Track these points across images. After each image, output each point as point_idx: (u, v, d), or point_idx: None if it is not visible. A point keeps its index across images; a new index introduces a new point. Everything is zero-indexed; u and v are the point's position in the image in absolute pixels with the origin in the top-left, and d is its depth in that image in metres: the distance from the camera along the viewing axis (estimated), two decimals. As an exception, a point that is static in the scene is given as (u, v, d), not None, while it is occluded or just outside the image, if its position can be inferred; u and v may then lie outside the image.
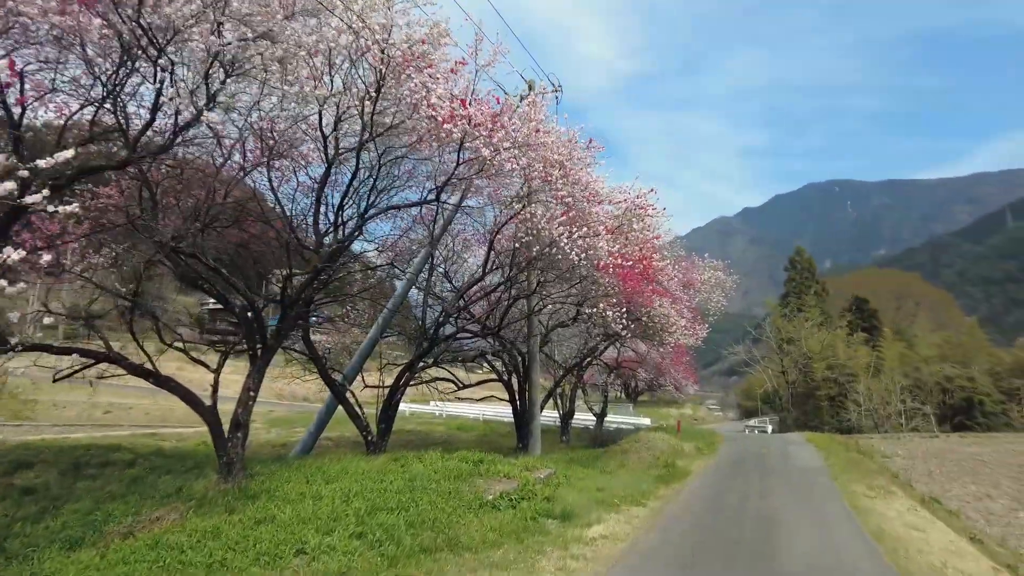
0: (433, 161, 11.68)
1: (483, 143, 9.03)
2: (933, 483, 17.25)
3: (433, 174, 12.08)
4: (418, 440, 24.99)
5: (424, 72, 8.28)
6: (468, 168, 9.94)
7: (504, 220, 12.64)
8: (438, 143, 10.21)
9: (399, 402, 14.83)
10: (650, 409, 55.56)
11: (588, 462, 14.13)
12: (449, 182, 10.26)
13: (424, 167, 12.58)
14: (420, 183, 13.04)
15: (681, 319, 17.87)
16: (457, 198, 12.03)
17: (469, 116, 8.92)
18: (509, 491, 8.99)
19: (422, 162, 11.66)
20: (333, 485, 8.85)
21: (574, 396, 26.02)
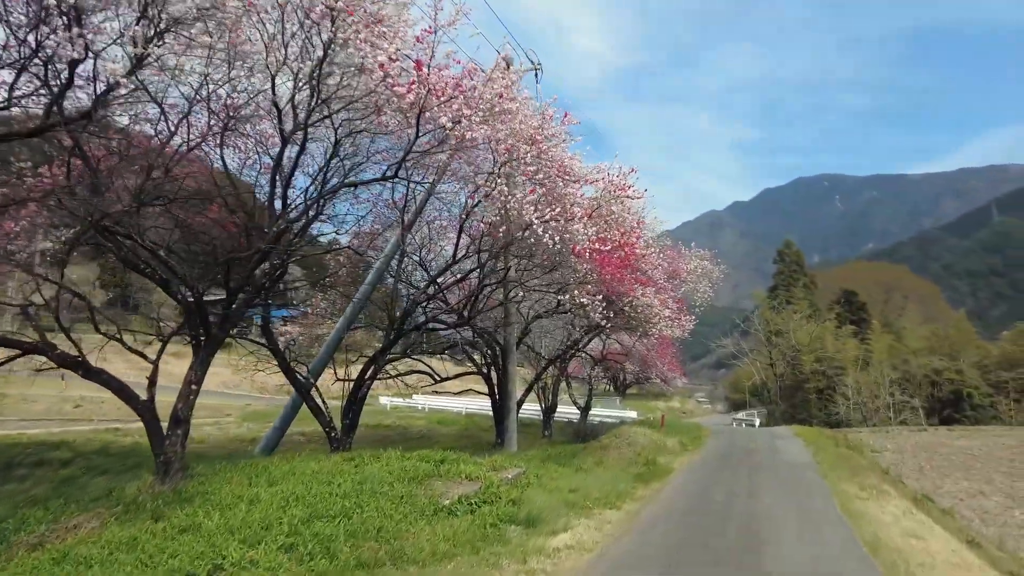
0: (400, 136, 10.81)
1: (441, 110, 8.18)
2: (924, 479, 16.66)
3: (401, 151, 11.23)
4: (396, 435, 24.16)
5: (372, 28, 7.39)
6: (430, 140, 9.08)
7: (475, 202, 11.79)
8: (402, 114, 9.35)
9: (365, 396, 13.95)
10: (638, 402, 55.02)
11: (565, 459, 13.35)
12: (409, 155, 9.39)
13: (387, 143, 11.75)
14: (387, 161, 12.20)
15: (665, 309, 17.11)
16: (429, 181, 11.14)
17: (426, 80, 8.05)
18: (469, 494, 8.19)
19: (384, 136, 10.77)
20: (276, 488, 8.02)
21: (557, 389, 25.23)
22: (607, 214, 11.57)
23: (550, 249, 11.29)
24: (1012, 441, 26.08)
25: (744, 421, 44.65)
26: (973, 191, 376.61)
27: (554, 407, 25.12)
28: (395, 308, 14.83)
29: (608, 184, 11.15)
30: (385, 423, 26.50)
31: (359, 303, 15.26)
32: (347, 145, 11.08)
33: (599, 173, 11.17)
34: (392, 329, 13.47)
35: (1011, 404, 36.99)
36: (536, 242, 11.06)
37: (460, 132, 8.07)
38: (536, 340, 27.63)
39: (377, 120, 9.80)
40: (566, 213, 10.78)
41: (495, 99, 8.30)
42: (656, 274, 17.41)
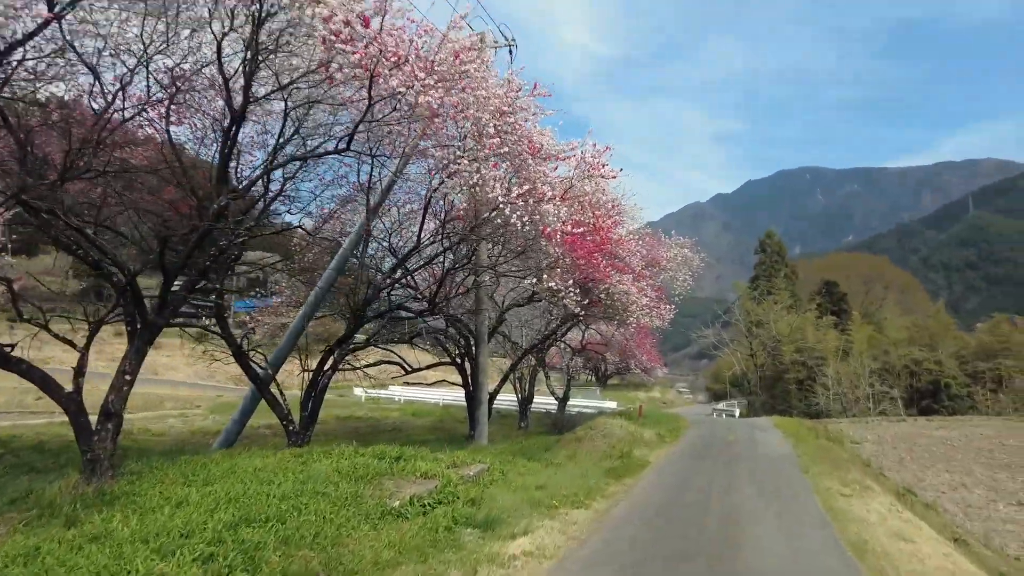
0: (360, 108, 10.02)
1: (393, 74, 7.42)
2: (906, 471, 16.32)
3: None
4: (366, 427, 23.42)
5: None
6: (384, 108, 8.30)
7: (440, 181, 11.05)
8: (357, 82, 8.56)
9: (326, 387, 13.20)
10: (619, 393, 54.77)
11: (536, 453, 12.74)
12: (365, 125, 8.61)
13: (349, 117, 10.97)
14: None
15: (643, 297, 16.52)
16: (387, 155, 10.35)
17: (378, 39, 7.28)
18: (423, 494, 7.50)
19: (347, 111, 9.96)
20: (210, 488, 7.26)
21: (534, 380, 24.65)
22: (580, 195, 10.88)
23: (518, 231, 10.61)
24: (989, 431, 26.02)
25: (724, 412, 44.46)
26: (950, 185, 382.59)
27: (531, 398, 24.55)
28: (358, 295, 14.06)
29: (581, 162, 10.46)
30: (357, 415, 25.76)
31: (322, 290, 14.50)
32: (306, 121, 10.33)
33: (571, 151, 10.47)
34: (353, 317, 12.70)
35: (987, 394, 37.12)
36: (504, 223, 10.38)
37: (412, 97, 7.31)
38: (514, 330, 27.07)
39: (330, 88, 9.04)
40: (536, 192, 10.09)
41: (450, 59, 7.54)
42: (634, 261, 16.80)
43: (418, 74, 7.26)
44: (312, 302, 14.63)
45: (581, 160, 10.37)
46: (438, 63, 7.87)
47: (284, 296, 18.50)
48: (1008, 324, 41.78)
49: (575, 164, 10.53)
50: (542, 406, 32.64)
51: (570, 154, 10.30)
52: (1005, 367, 37.46)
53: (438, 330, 16.06)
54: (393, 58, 7.48)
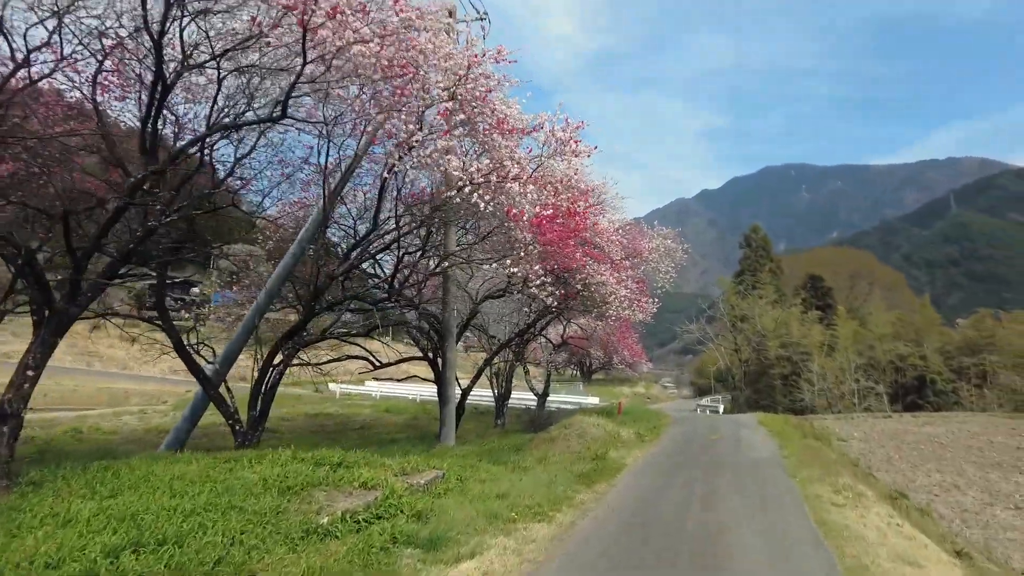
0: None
1: (327, 28, 6.42)
2: (895, 471, 15.63)
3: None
4: (335, 425, 22.39)
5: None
6: (317, 68, 7.28)
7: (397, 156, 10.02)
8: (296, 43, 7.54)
9: (277, 384, 12.17)
10: (603, 388, 54.05)
11: (504, 455, 11.80)
12: (296, 86, 7.57)
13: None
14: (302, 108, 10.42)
15: (622, 289, 15.63)
16: (326, 122, 9.31)
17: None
18: (359, 508, 6.52)
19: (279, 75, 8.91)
20: (111, 501, 6.22)
21: (511, 375, 23.70)
22: (549, 174, 9.92)
23: (482, 213, 9.65)
24: (976, 428, 25.51)
25: (708, 407, 43.84)
26: (933, 183, 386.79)
27: (508, 394, 23.61)
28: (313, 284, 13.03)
29: (550, 137, 9.49)
30: (328, 411, 24.70)
31: (278, 280, 13.46)
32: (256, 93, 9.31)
33: (539, 124, 9.48)
34: (305, 308, 11.67)
35: (972, 390, 36.78)
36: (463, 203, 9.40)
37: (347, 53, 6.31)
38: (492, 324, 26.11)
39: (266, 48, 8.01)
40: (500, 170, 9.13)
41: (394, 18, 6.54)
42: (613, 251, 15.89)
43: (352, 23, 6.25)
44: (267, 293, 13.60)
45: (551, 135, 9.39)
46: (382, 19, 6.87)
47: (243, 286, 17.46)
48: (992, 319, 41.49)
49: (544, 140, 9.55)
50: (522, 402, 31.73)
51: (536, 126, 9.30)
52: (990, 362, 37.13)
53: (402, 322, 15.06)
54: (326, 6, 6.47)
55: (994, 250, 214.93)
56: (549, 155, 9.80)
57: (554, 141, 9.67)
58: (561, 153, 9.78)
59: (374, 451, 15.93)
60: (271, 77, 8.84)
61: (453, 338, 14.33)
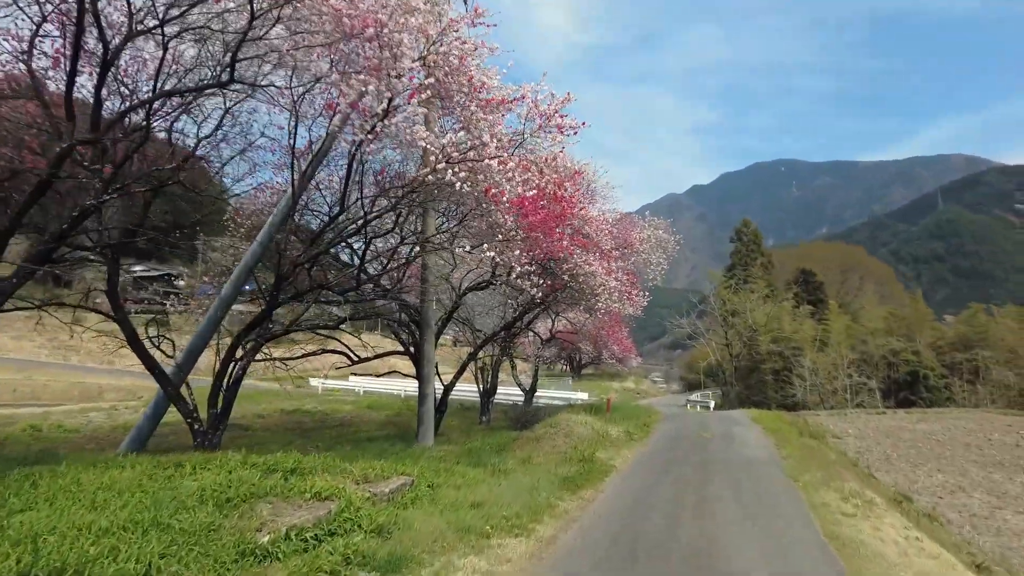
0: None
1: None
2: (895, 471, 15.00)
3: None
4: (312, 423, 21.50)
5: None
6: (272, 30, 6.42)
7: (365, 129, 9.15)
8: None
9: (240, 380, 11.27)
10: (593, 383, 53.42)
11: (485, 456, 11.00)
12: (243, 45, 6.70)
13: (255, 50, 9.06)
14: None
15: (612, 280, 14.85)
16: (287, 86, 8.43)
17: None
18: (308, 524, 5.69)
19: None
20: (20, 516, 5.35)
21: (497, 370, 22.92)
22: (531, 152, 9.08)
23: (458, 193, 8.80)
24: (971, 424, 25.04)
25: (698, 403, 43.23)
26: (921, 179, 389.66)
27: (493, 390, 22.84)
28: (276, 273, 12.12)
29: (533, 110, 8.64)
30: (306, 408, 23.77)
31: (245, 269, 12.56)
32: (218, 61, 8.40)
33: (521, 97, 8.63)
34: (268, 298, 10.78)
35: (964, 386, 36.40)
36: (439, 183, 8.56)
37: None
38: (478, 317, 25.29)
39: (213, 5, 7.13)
40: (478, 146, 8.30)
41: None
42: (602, 239, 15.10)
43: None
44: (232, 284, 12.72)
45: (533, 108, 8.55)
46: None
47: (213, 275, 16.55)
48: (985, 314, 41.16)
49: (526, 114, 8.71)
50: (510, 397, 30.95)
51: (518, 97, 8.44)
52: (982, 358, 36.75)
53: (376, 314, 14.22)
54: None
55: (979, 246, 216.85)
56: (532, 131, 8.96)
57: (537, 116, 8.83)
58: (545, 129, 8.94)
59: (348, 451, 15.10)
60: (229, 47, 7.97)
61: (432, 331, 13.49)
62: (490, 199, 8.48)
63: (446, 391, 17.30)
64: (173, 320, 17.79)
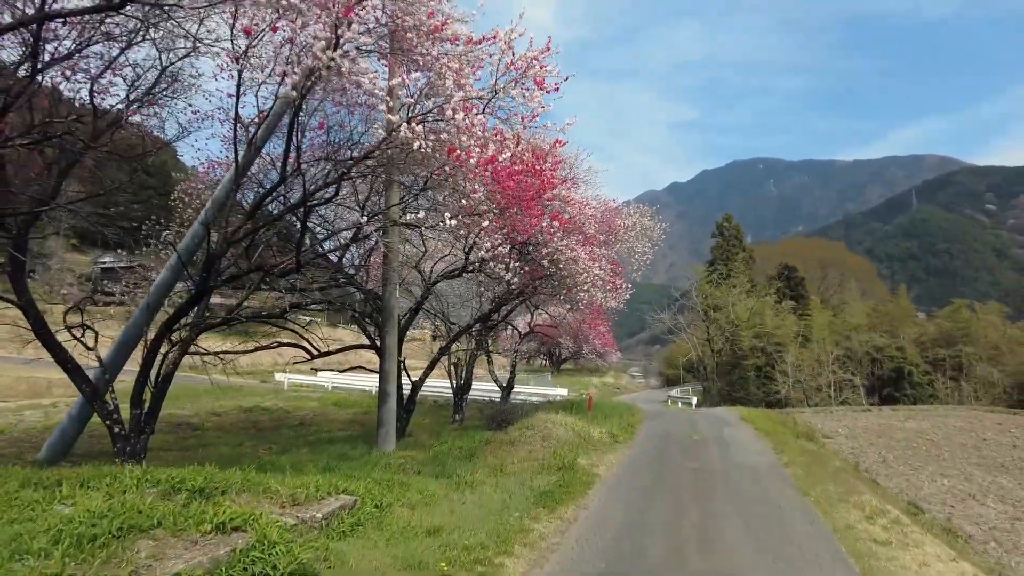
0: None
1: None
2: (896, 475, 13.97)
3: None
4: (270, 421, 19.90)
5: None
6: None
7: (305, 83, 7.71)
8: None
9: (171, 376, 9.75)
10: (573, 378, 52.31)
11: (452, 463, 9.63)
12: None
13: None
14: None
15: (595, 266, 13.57)
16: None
17: None
18: (201, 570, 4.29)
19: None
20: None
21: (472, 365, 21.51)
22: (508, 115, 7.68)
23: (418, 157, 7.39)
24: (960, 422, 24.35)
25: (680, 399, 42.34)
26: (895, 179, 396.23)
27: (468, 386, 21.43)
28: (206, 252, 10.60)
29: (506, 51, 7.25)
30: (265, 405, 22.13)
31: (185, 252, 11.03)
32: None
33: (492, 38, 7.24)
34: (198, 281, 9.26)
35: (948, 382, 35.94)
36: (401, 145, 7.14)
37: None
38: (453, 309, 23.92)
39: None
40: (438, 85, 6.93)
41: None
42: (586, 222, 13.79)
43: None
44: (169, 268, 11.19)
45: (506, 48, 7.16)
46: None
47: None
48: (967, 310, 40.81)
49: (497, 61, 7.31)
50: (487, 394, 29.56)
51: (489, 36, 7.06)
52: (966, 354, 36.30)
53: (324, 303, 12.76)
54: None
55: (951, 245, 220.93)
56: (504, 85, 7.57)
57: (512, 67, 7.44)
58: (522, 84, 7.56)
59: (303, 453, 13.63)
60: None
61: (395, 321, 12.05)
62: (455, 161, 7.09)
63: (414, 389, 15.88)
64: (116, 311, 16.12)
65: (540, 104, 7.83)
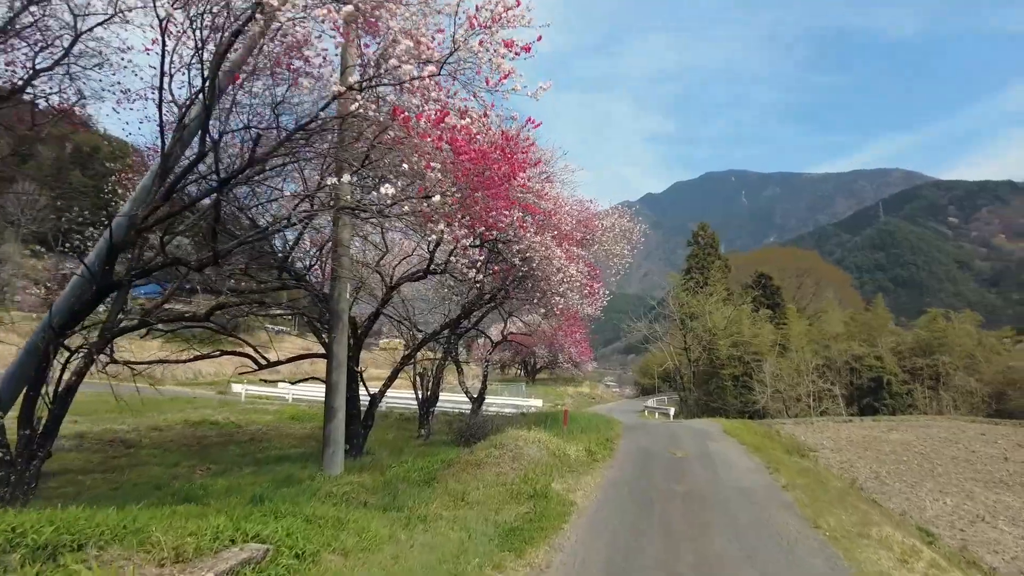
0: None
1: None
2: (894, 493, 12.98)
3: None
4: (218, 437, 18.21)
5: None
6: None
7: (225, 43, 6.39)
8: None
9: (74, 387, 8.21)
10: (548, 388, 51.14)
11: (405, 491, 8.27)
12: None
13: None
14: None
15: (572, 267, 12.38)
16: None
17: None
18: None
19: None
20: None
21: (439, 376, 20.11)
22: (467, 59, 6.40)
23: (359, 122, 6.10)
24: (943, 433, 23.70)
25: (656, 410, 41.37)
26: (863, 191, 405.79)
27: (435, 398, 20.01)
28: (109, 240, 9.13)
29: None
30: (215, 419, 20.40)
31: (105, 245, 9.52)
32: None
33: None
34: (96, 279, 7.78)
35: (927, 392, 35.53)
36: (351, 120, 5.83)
37: None
38: (422, 316, 22.56)
39: None
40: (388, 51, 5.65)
41: None
42: (563, 219, 12.60)
43: None
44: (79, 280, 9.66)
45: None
46: None
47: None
48: (944, 319, 40.61)
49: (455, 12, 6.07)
50: (457, 406, 28.13)
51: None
52: (943, 363, 35.96)
53: (258, 304, 11.36)
54: None
55: (916, 257, 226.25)
56: (466, 38, 6.32)
57: (477, 24, 6.21)
58: (487, 32, 6.32)
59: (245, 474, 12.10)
60: None
61: (344, 325, 10.65)
62: (402, 124, 5.81)
63: (373, 402, 14.47)
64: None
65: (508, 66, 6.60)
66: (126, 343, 10.89)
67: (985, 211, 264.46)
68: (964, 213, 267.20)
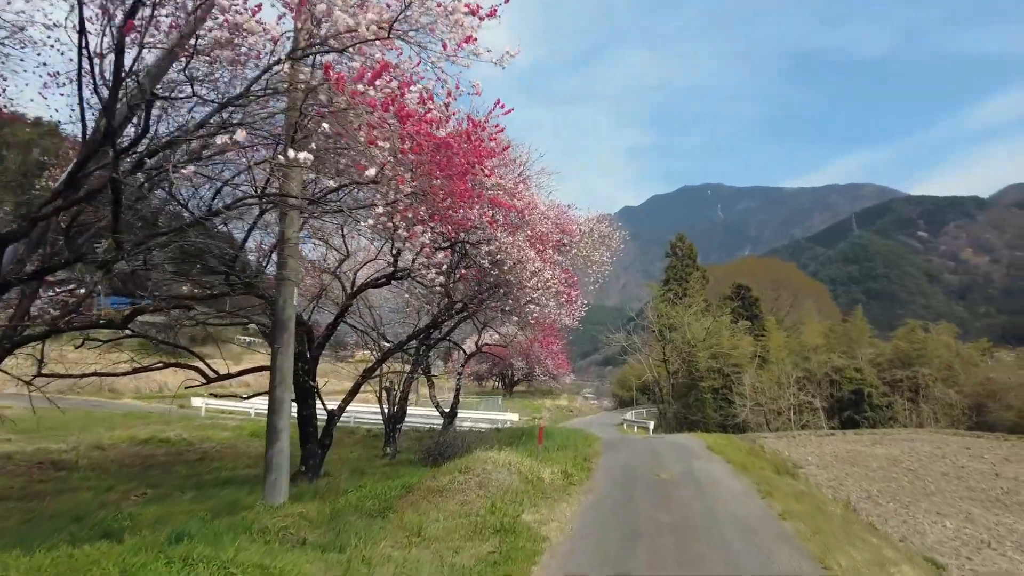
0: None
1: None
2: (889, 515, 12.17)
3: None
4: (166, 456, 16.79)
5: None
6: None
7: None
8: None
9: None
10: (525, 401, 49.99)
11: (353, 526, 7.14)
12: None
13: None
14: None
15: (548, 272, 11.42)
16: None
17: None
18: None
19: None
20: None
21: (407, 390, 18.94)
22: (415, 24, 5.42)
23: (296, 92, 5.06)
24: (928, 447, 23.14)
25: (636, 423, 40.51)
26: (836, 205, 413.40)
27: (402, 415, 18.81)
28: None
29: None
30: (166, 435, 18.93)
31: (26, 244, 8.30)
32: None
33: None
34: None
35: (907, 404, 35.20)
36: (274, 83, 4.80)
37: None
38: (390, 327, 21.46)
39: None
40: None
41: None
42: (536, 219, 11.62)
43: None
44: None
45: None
46: None
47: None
48: (922, 331, 40.50)
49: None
50: (428, 421, 26.94)
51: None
52: (923, 375, 35.70)
53: (184, 308, 10.22)
54: None
55: (888, 270, 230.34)
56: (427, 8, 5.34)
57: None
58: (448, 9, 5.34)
59: (183, 498, 10.88)
60: None
61: (290, 334, 9.50)
62: (335, 89, 4.79)
63: (331, 420, 13.28)
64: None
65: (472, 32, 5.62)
66: (60, 354, 9.70)
67: (953, 226, 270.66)
68: (933, 227, 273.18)
